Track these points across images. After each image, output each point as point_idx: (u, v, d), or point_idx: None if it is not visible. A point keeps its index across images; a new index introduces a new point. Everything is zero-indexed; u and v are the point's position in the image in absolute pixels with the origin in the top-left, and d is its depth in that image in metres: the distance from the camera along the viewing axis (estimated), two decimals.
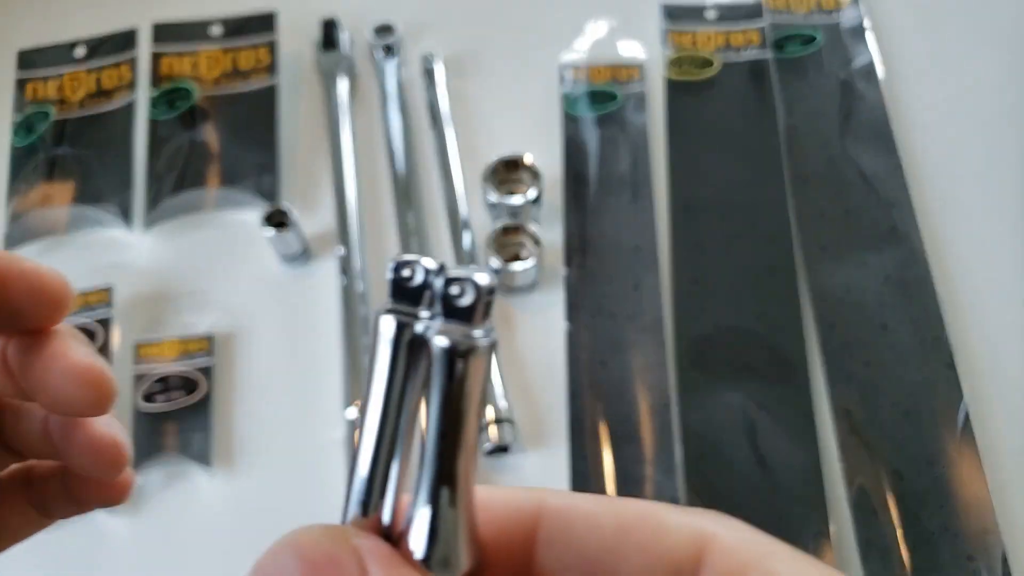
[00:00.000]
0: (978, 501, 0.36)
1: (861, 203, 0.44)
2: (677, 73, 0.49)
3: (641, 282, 0.42)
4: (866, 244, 0.43)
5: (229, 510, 0.39)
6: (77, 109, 0.50)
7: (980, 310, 0.41)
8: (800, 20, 0.50)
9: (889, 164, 0.45)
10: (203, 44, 0.50)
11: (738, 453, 0.38)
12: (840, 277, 0.42)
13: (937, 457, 0.37)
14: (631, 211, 0.45)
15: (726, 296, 0.42)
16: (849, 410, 0.39)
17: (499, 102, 0.49)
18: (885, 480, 0.37)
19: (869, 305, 0.41)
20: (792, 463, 0.37)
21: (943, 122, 0.47)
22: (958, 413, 0.38)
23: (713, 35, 0.50)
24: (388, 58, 0.50)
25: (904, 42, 0.50)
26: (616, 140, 0.47)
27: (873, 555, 0.35)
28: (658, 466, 0.38)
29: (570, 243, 0.44)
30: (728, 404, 0.39)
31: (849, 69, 0.48)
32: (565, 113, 0.48)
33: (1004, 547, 0.35)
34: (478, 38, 0.51)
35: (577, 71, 0.49)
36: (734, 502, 0.37)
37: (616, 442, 0.38)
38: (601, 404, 0.39)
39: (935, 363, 0.39)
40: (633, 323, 0.41)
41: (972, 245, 0.43)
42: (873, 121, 0.46)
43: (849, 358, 0.40)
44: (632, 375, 0.40)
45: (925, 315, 0.41)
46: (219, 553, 0.38)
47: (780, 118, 0.47)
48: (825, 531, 0.36)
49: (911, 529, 0.36)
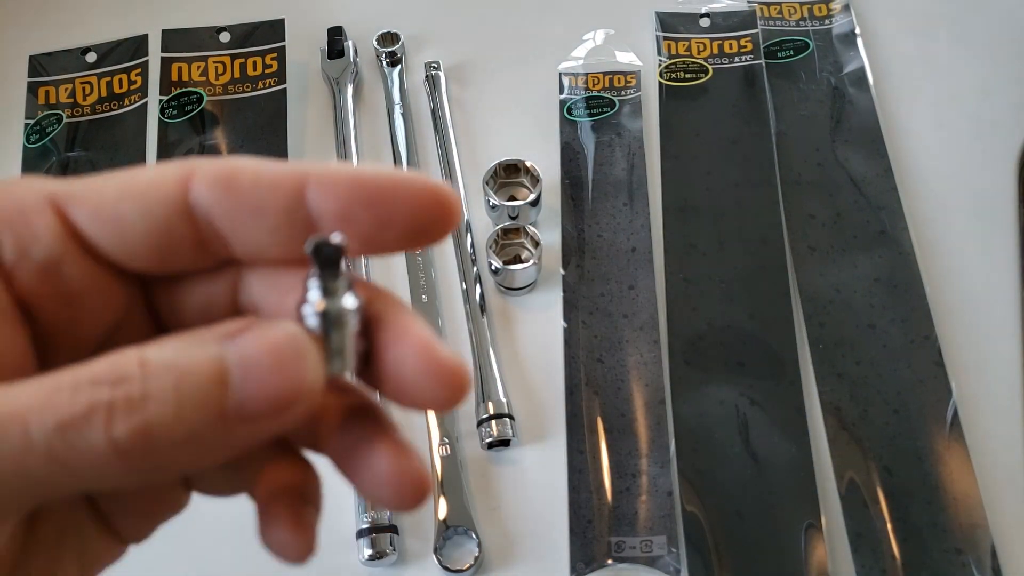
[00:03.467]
0: (967, 496, 0.37)
1: (851, 206, 0.45)
2: (671, 79, 0.50)
3: (636, 282, 0.43)
4: (856, 246, 0.44)
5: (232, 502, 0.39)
6: (89, 113, 0.51)
7: (968, 309, 0.42)
8: (792, 27, 0.51)
9: (879, 168, 0.46)
10: (212, 51, 0.52)
11: (731, 447, 0.39)
12: (830, 277, 0.43)
13: (926, 453, 0.38)
14: (627, 214, 0.45)
15: (719, 296, 0.43)
16: (839, 407, 0.39)
17: (499, 108, 0.50)
18: (875, 475, 0.38)
19: (859, 305, 0.42)
20: (783, 457, 0.38)
21: (932, 127, 0.48)
22: (947, 410, 0.39)
23: (707, 43, 0.51)
24: (392, 66, 0.51)
25: (894, 48, 0.51)
26: (613, 145, 0.48)
27: (864, 548, 0.36)
28: (652, 460, 0.39)
29: (568, 244, 0.45)
30: (721, 400, 0.40)
31: (840, 75, 0.49)
32: (563, 119, 0.49)
33: (993, 541, 0.36)
34: (480, 47, 0.52)
35: (575, 78, 0.50)
36: (727, 494, 0.37)
37: (612, 436, 0.39)
38: (598, 400, 0.40)
39: (924, 361, 0.40)
40: (629, 322, 0.42)
41: (960, 247, 0.44)
42: (863, 126, 0.47)
43: (839, 356, 0.41)
44: (627, 372, 0.41)
45: (914, 314, 0.41)
46: (223, 545, 0.38)
47: (772, 123, 0.48)
48: (816, 524, 0.37)
49: (900, 523, 0.36)
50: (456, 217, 0.18)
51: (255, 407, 0.16)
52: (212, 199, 0.18)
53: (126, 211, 0.18)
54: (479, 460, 0.40)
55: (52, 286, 0.18)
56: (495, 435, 0.39)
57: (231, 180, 0.18)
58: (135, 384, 0.15)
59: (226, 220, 0.18)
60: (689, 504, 0.37)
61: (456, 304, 0.44)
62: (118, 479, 0.16)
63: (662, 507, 0.37)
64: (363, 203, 0.18)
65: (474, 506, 0.38)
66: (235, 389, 0.16)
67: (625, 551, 0.36)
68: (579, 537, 0.37)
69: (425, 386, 0.17)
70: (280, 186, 0.18)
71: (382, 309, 0.18)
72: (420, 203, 0.18)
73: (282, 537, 0.19)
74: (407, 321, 0.18)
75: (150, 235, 0.18)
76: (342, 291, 0.17)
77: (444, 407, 0.17)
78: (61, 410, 0.15)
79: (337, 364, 0.17)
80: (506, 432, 0.39)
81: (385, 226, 0.18)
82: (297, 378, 0.16)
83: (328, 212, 0.18)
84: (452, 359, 0.17)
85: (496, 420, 0.39)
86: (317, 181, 0.18)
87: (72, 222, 0.18)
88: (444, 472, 0.39)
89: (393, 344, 0.18)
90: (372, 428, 0.18)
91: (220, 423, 0.16)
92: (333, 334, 0.17)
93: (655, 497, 0.38)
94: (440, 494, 0.38)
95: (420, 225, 0.18)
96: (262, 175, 0.18)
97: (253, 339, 0.16)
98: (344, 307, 0.17)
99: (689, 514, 0.37)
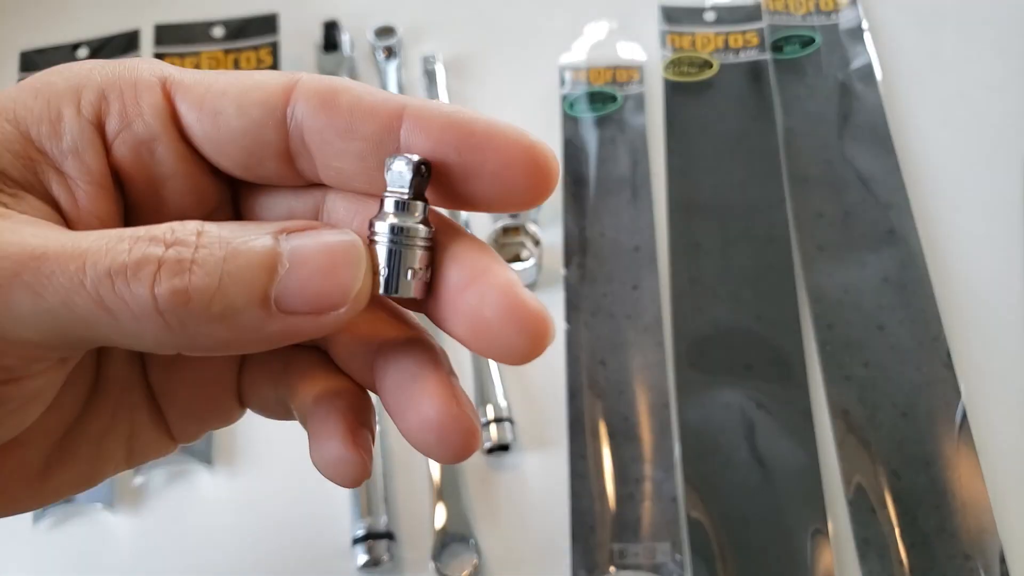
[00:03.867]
0: (976, 500, 0.36)
1: (859, 204, 0.44)
2: (676, 74, 0.49)
3: (640, 282, 0.43)
4: (864, 245, 0.43)
5: (230, 509, 0.39)
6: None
7: (977, 311, 0.42)
8: (798, 21, 0.51)
9: (887, 165, 0.45)
10: (205, 45, 0.51)
11: (736, 452, 0.38)
12: (838, 277, 0.42)
13: (934, 457, 0.37)
14: (630, 212, 0.45)
15: (725, 296, 0.42)
16: (847, 410, 0.39)
17: (499, 103, 0.49)
18: (883, 479, 0.37)
19: (867, 305, 0.41)
20: (790, 462, 0.38)
21: (941, 123, 0.47)
22: (955, 413, 0.38)
23: (712, 37, 0.50)
24: (389, 60, 0.50)
25: (902, 43, 0.50)
26: (615, 141, 0.47)
27: (871, 554, 0.36)
28: (657, 464, 0.38)
29: (569, 243, 0.44)
30: (727, 403, 0.39)
31: (847, 70, 0.49)
32: (565, 114, 0.48)
33: (1002, 546, 0.35)
34: (478, 40, 0.52)
35: (577, 73, 0.49)
36: (732, 500, 0.37)
37: (615, 441, 0.39)
38: (600, 403, 0.40)
39: (933, 363, 0.39)
40: (632, 323, 0.42)
41: (970, 246, 0.43)
42: (871, 122, 0.47)
43: (847, 358, 0.40)
44: (631, 374, 0.40)
45: (923, 316, 0.41)
46: (220, 551, 0.38)
47: (778, 119, 0.47)
48: (823, 529, 0.36)
49: (908, 528, 0.36)
50: (551, 181, 0.17)
51: (297, 302, 0.16)
52: (308, 111, 0.18)
53: (226, 105, 0.18)
54: (478, 465, 0.39)
55: (144, 164, 0.19)
56: (495, 440, 0.38)
57: (331, 97, 0.18)
58: (187, 249, 0.16)
59: (317, 136, 0.18)
60: (694, 510, 0.37)
61: None
62: (155, 338, 0.16)
63: (666, 513, 0.37)
64: (454, 145, 0.17)
65: (473, 513, 0.38)
66: (281, 279, 0.16)
67: (628, 558, 0.36)
68: (581, 544, 0.36)
69: (504, 331, 0.16)
70: (377, 113, 0.18)
71: (462, 249, 0.18)
72: (512, 157, 0.17)
73: (337, 452, 0.18)
74: (490, 261, 0.17)
75: (244, 135, 0.18)
76: (414, 213, 0.17)
77: (520, 357, 0.17)
78: (116, 258, 0.16)
79: (393, 284, 0.17)
80: (506, 437, 0.38)
81: (473, 176, 0.17)
82: (343, 284, 0.16)
83: (417, 148, 0.17)
84: (537, 306, 0.16)
85: (496, 424, 0.38)
86: (413, 114, 0.17)
87: (176, 107, 0.18)
88: (442, 478, 0.38)
89: (473, 283, 0.17)
90: (426, 367, 0.18)
91: (261, 309, 0.16)
92: (395, 252, 0.17)
93: (659, 503, 0.37)
94: (438, 500, 0.37)
95: (510, 182, 0.17)
96: (362, 99, 0.18)
97: (310, 237, 0.17)
98: (411, 227, 0.17)
99: (693, 520, 0.36)
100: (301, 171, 0.19)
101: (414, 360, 0.18)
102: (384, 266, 0.17)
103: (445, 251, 0.18)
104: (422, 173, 0.17)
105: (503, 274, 0.17)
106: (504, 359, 0.17)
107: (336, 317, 0.16)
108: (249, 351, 0.17)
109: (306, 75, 0.19)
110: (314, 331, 0.17)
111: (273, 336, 0.17)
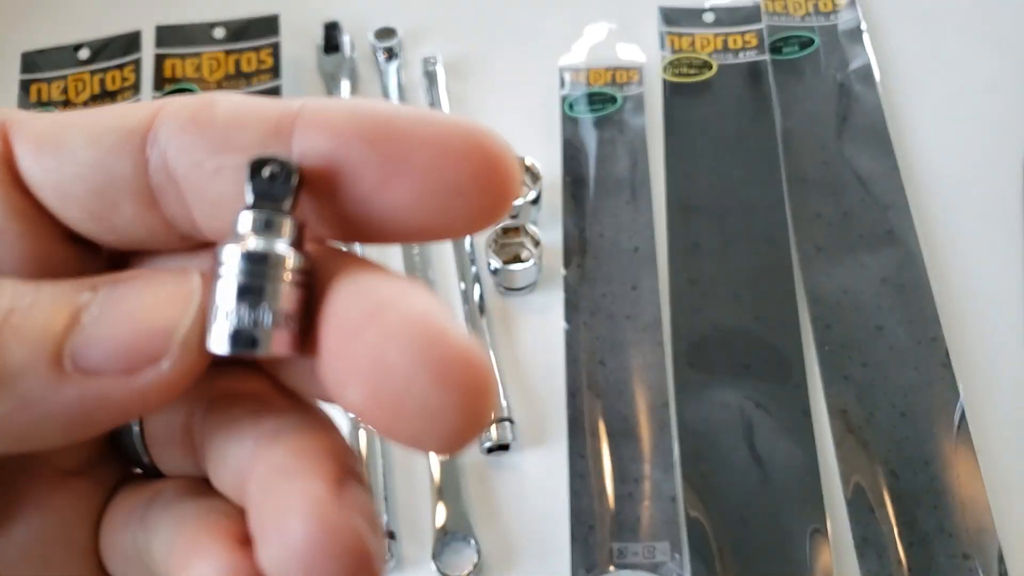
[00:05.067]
0: (974, 500, 0.36)
1: (858, 205, 0.44)
2: (675, 75, 0.49)
3: (639, 282, 0.43)
4: (863, 246, 0.43)
5: None
6: (82, 110, 0.50)
7: (976, 311, 0.42)
8: (797, 22, 0.51)
9: (886, 166, 0.45)
10: (206, 46, 0.51)
11: (735, 451, 0.38)
12: (837, 278, 0.42)
13: (933, 456, 0.37)
14: (630, 212, 0.45)
15: (724, 296, 0.42)
16: (846, 410, 0.39)
17: (499, 104, 0.49)
18: (882, 479, 0.37)
19: (866, 306, 0.41)
20: (789, 461, 0.38)
21: (939, 124, 0.47)
22: (954, 413, 0.38)
23: (711, 38, 0.50)
24: (389, 61, 0.51)
25: (901, 44, 0.50)
26: (615, 142, 0.47)
27: (870, 553, 0.36)
28: (656, 464, 0.38)
29: (569, 244, 0.44)
30: (725, 403, 0.39)
31: (846, 71, 0.49)
32: (564, 115, 0.48)
33: (1000, 545, 0.35)
34: (478, 41, 0.52)
35: (576, 74, 0.49)
36: (731, 499, 0.37)
37: (614, 440, 0.39)
38: (600, 403, 0.40)
39: (931, 363, 0.40)
40: (631, 323, 0.42)
41: (968, 247, 0.43)
42: (870, 123, 0.47)
43: (846, 358, 0.40)
44: (630, 374, 0.40)
45: (921, 316, 0.41)
46: None
47: (777, 120, 0.47)
48: (822, 529, 0.36)
49: (907, 528, 0.36)
50: (508, 180, 0.13)
51: (98, 355, 0.12)
52: (173, 129, 0.14)
53: (73, 136, 0.14)
54: (478, 465, 0.39)
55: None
56: (494, 439, 0.38)
57: (203, 108, 0.14)
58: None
59: (185, 158, 0.13)
60: (693, 509, 0.37)
61: (454, 305, 0.43)
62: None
63: (665, 512, 0.37)
64: (366, 137, 0.13)
65: (473, 512, 0.38)
66: (82, 329, 0.12)
67: (627, 557, 0.36)
68: (580, 543, 0.36)
69: (418, 382, 0.11)
70: (263, 117, 0.13)
71: (355, 278, 0.13)
72: (451, 144, 0.12)
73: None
74: (399, 289, 0.12)
75: (93, 169, 0.14)
76: (281, 234, 0.13)
77: (444, 430, 0.11)
78: None
79: (245, 335, 0.12)
80: (506, 436, 0.38)
81: (393, 177, 0.12)
82: (159, 325, 0.12)
83: (313, 150, 0.13)
84: (467, 344, 0.11)
85: (495, 424, 0.39)
86: (311, 109, 0.13)
87: (12, 148, 0.14)
88: (442, 477, 0.38)
89: (373, 320, 0.12)
90: (304, 456, 0.13)
91: (49, 368, 0.12)
92: (248, 288, 0.12)
93: (658, 502, 0.37)
94: (438, 499, 0.38)
95: (449, 177, 0.12)
96: (243, 105, 0.14)
97: (127, 278, 0.13)
98: (274, 254, 0.12)
99: (693, 520, 0.37)
100: (172, 219, 0.14)
101: (287, 448, 0.13)
102: (231, 311, 0.12)
103: (329, 286, 0.13)
104: (288, 177, 0.13)
105: (418, 303, 0.12)
106: (420, 436, 0.12)
107: (157, 377, 0.12)
108: (45, 442, 0.13)
109: (180, 97, 0.14)
110: (127, 400, 0.12)
111: (69, 408, 0.12)
